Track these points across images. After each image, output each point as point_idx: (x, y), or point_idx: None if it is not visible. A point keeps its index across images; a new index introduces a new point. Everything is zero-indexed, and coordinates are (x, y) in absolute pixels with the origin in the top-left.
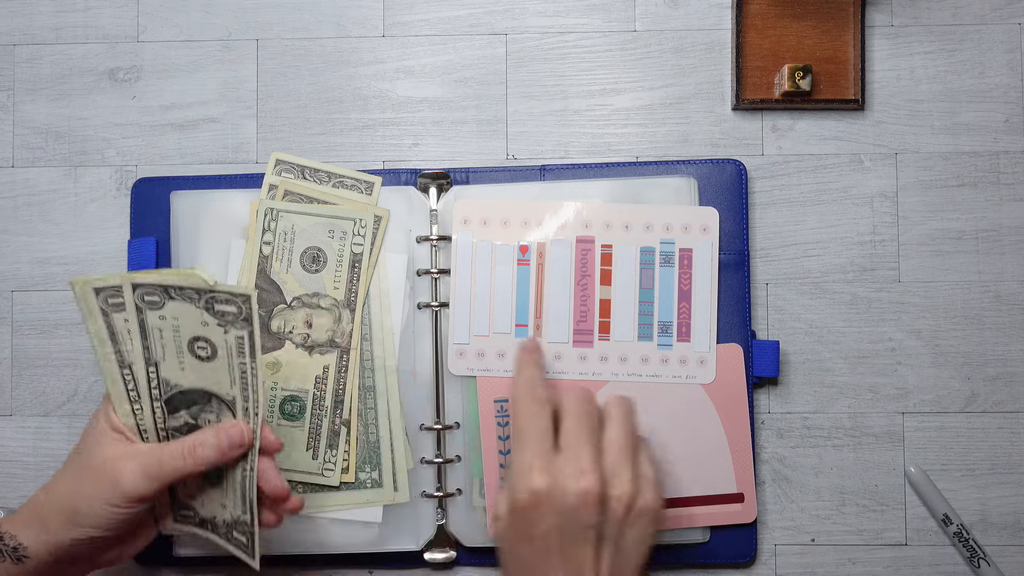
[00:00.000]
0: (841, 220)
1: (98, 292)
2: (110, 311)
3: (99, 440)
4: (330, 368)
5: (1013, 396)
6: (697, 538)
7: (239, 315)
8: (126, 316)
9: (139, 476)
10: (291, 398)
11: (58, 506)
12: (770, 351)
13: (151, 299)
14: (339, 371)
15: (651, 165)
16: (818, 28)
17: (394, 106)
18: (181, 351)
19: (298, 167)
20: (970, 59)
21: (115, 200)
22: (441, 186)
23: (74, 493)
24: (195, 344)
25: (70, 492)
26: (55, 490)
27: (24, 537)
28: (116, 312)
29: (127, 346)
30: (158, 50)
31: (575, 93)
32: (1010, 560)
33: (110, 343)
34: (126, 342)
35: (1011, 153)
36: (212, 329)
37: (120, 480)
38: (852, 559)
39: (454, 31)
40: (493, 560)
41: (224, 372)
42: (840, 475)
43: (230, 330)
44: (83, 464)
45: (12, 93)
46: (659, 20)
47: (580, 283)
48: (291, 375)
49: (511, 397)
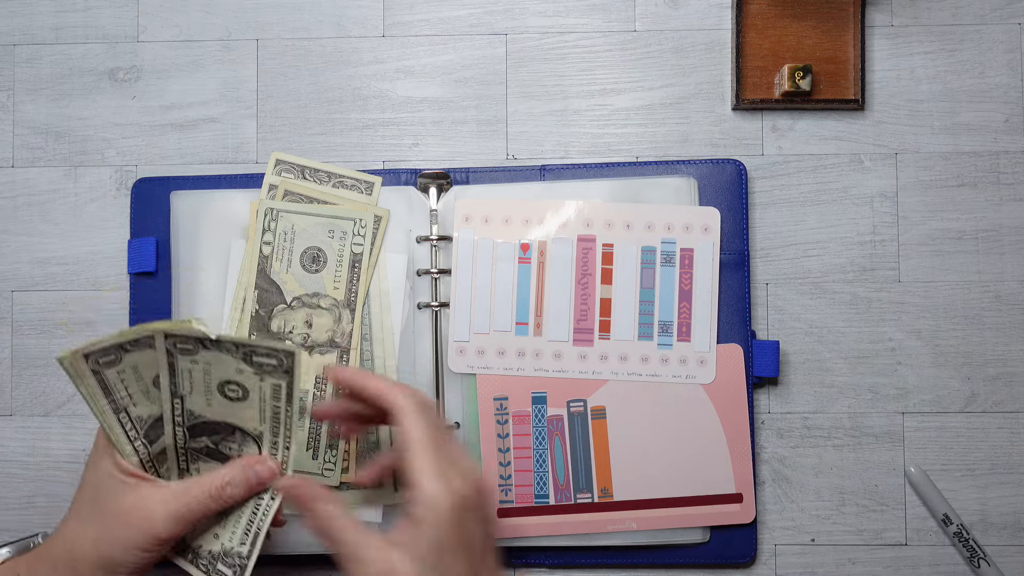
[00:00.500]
0: (841, 220)
1: (87, 358)
2: (102, 369)
3: (116, 487)
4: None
5: (1013, 396)
6: (697, 538)
7: (279, 367)
8: (122, 367)
9: (170, 520)
10: None
11: (89, 556)
12: (770, 351)
13: (184, 347)
14: None
15: (651, 165)
16: (818, 28)
17: (394, 106)
18: (210, 391)
19: (298, 167)
20: (970, 59)
21: (115, 200)
22: (441, 186)
23: (103, 541)
24: (226, 387)
25: (99, 540)
26: (77, 541)
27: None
28: (108, 368)
29: (120, 394)
30: (158, 50)
31: (575, 93)
32: (1010, 560)
33: (103, 397)
34: (119, 391)
35: (1011, 153)
36: (247, 376)
37: (153, 526)
38: (852, 559)
39: (454, 31)
40: None
41: (254, 411)
42: (840, 475)
43: (266, 379)
44: (106, 511)
45: (12, 93)
46: (659, 20)
47: (581, 282)
48: None
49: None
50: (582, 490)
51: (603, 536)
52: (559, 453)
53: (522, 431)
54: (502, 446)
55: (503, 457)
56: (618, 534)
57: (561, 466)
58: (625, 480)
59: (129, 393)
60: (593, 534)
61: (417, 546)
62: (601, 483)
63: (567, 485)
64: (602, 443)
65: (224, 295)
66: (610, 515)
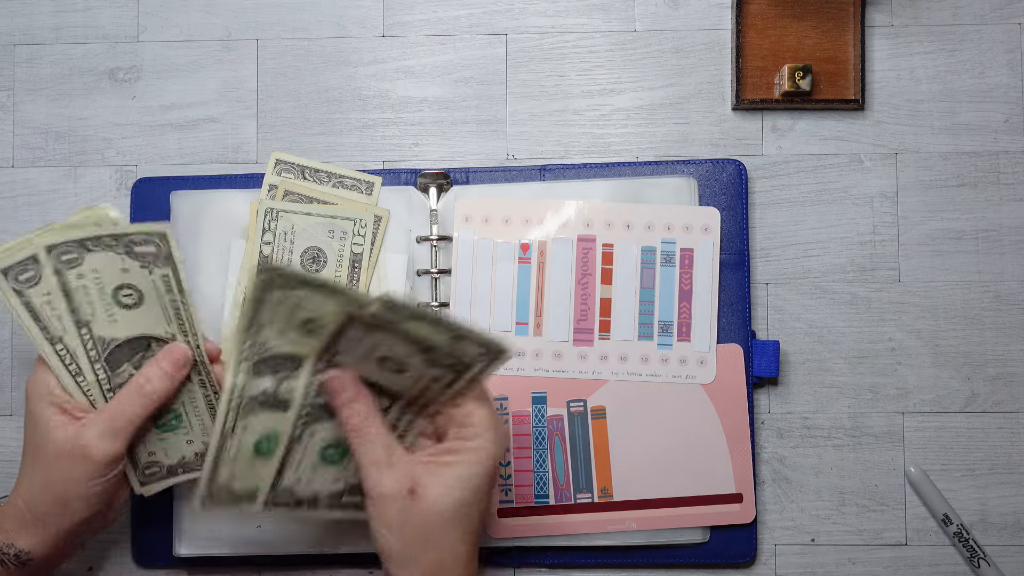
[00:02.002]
0: (841, 220)
1: (6, 273)
2: (24, 288)
3: (49, 429)
4: None
5: (1013, 396)
6: (697, 538)
7: (159, 254)
8: (44, 288)
9: (104, 440)
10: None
11: (47, 500)
12: (770, 351)
13: (68, 257)
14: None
15: (651, 165)
16: (818, 28)
17: (394, 106)
18: (108, 304)
19: (298, 167)
20: (970, 59)
21: (115, 200)
22: (441, 186)
23: (54, 484)
24: (119, 293)
25: (50, 484)
26: (32, 489)
27: (22, 542)
28: (30, 288)
29: (52, 321)
30: (158, 50)
31: (575, 93)
32: (1010, 560)
33: (33, 322)
34: (49, 317)
35: (1011, 153)
36: (135, 274)
37: (89, 453)
38: (852, 559)
39: (454, 31)
40: (493, 560)
41: (157, 314)
42: (840, 475)
43: (154, 271)
44: (47, 455)
45: (12, 93)
46: (659, 20)
47: (581, 282)
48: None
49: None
50: (582, 490)
51: (603, 536)
52: (559, 453)
53: (522, 431)
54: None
55: (503, 457)
56: (618, 534)
57: (561, 466)
58: (625, 480)
59: (60, 318)
60: (593, 534)
61: (452, 472)
62: (601, 483)
63: (567, 485)
64: (602, 443)
65: (224, 295)
66: (610, 515)
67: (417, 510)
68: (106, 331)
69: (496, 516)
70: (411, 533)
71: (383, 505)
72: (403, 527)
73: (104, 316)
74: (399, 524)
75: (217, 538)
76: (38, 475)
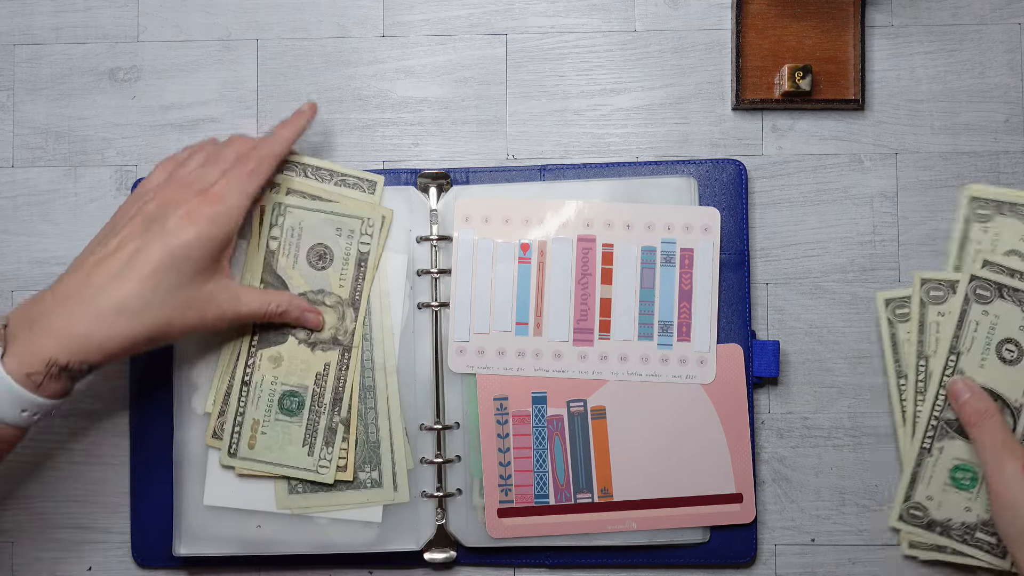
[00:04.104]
0: (841, 220)
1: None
2: (895, 320)
3: (199, 272)
4: (331, 365)
5: None
6: (697, 538)
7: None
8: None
9: (253, 309)
10: (290, 393)
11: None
12: (770, 351)
13: (982, 293)
14: (340, 369)
15: (651, 165)
16: (818, 28)
17: (394, 106)
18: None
19: (300, 165)
20: (970, 59)
21: (115, 200)
22: (441, 186)
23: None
24: (1003, 347)
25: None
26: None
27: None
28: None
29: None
30: (158, 50)
31: (575, 93)
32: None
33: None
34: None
35: (1011, 153)
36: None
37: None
38: (852, 559)
39: (454, 31)
40: (493, 560)
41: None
42: (840, 475)
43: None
44: (186, 288)
45: (12, 93)
46: (659, 20)
47: (581, 282)
48: (292, 370)
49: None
50: (582, 490)
51: (603, 536)
52: (559, 453)
53: (522, 431)
54: (502, 446)
55: (503, 457)
56: (618, 534)
57: (561, 466)
58: (625, 480)
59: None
60: (593, 534)
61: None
62: (601, 483)
63: (567, 485)
64: (602, 443)
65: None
66: (610, 515)
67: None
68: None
69: (496, 516)
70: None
71: (1004, 485)
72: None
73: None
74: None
75: (217, 538)
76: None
